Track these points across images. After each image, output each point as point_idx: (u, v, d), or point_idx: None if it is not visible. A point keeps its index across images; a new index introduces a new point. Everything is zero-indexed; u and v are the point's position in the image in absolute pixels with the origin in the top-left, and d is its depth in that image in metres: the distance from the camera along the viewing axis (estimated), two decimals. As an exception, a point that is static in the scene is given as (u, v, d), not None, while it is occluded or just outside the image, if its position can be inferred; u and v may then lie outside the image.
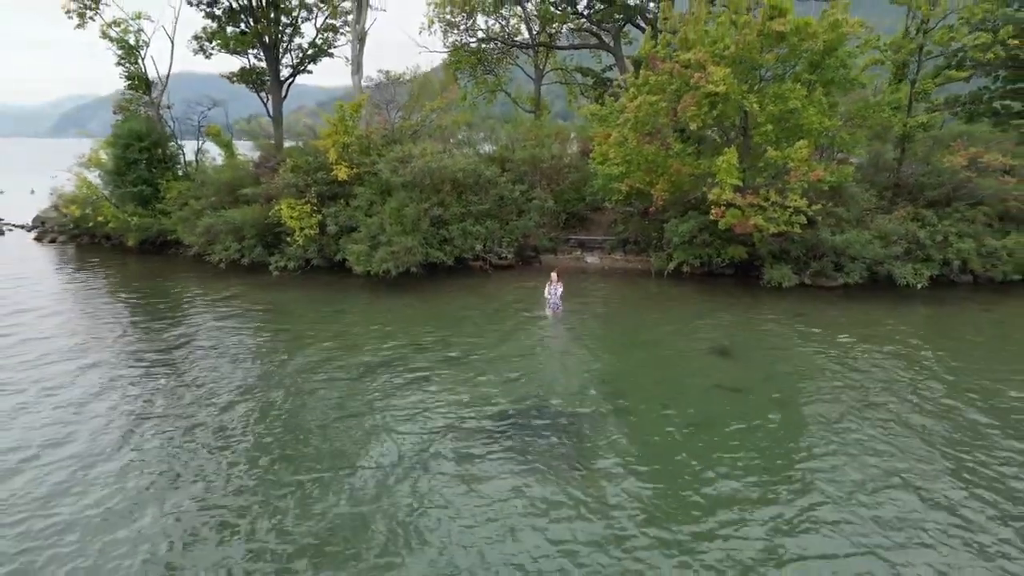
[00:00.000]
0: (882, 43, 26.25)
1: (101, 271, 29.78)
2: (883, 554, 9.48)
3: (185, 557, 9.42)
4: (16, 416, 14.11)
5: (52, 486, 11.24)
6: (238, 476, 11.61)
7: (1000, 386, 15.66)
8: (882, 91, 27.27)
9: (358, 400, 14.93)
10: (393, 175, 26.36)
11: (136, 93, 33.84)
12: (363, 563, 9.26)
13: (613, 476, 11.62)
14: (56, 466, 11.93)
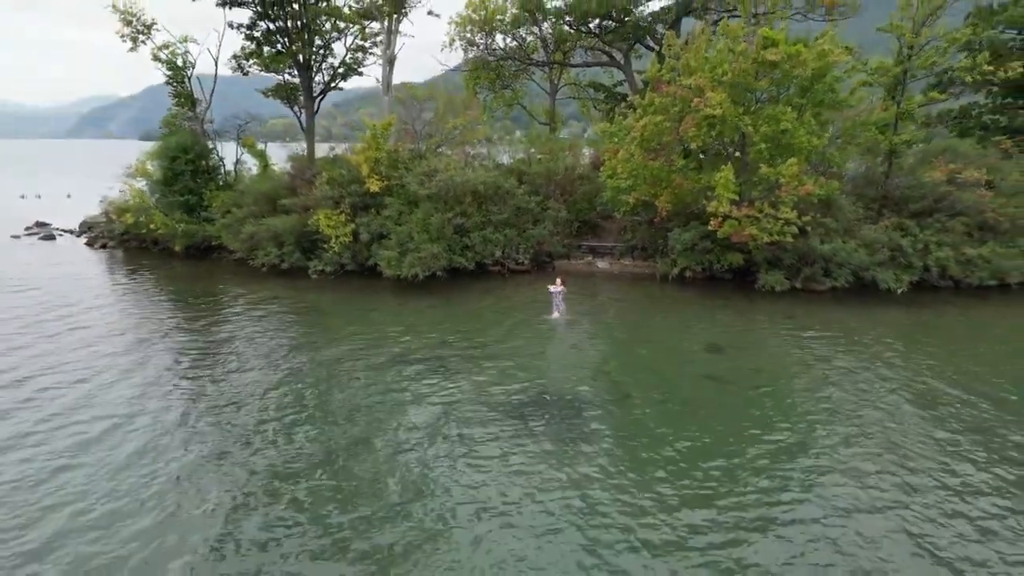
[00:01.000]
0: (869, 67, 28.49)
1: (152, 273, 32.64)
2: (819, 481, 11.90)
3: (237, 508, 11.96)
4: (94, 396, 16.84)
5: (128, 455, 13.83)
6: (279, 445, 14.22)
7: (943, 376, 17.99)
8: (875, 108, 29.49)
9: (385, 385, 17.54)
10: (420, 188, 29.00)
11: (182, 109, 36.64)
12: (382, 504, 11.80)
13: (608, 446, 14.12)
14: (131, 437, 14.61)
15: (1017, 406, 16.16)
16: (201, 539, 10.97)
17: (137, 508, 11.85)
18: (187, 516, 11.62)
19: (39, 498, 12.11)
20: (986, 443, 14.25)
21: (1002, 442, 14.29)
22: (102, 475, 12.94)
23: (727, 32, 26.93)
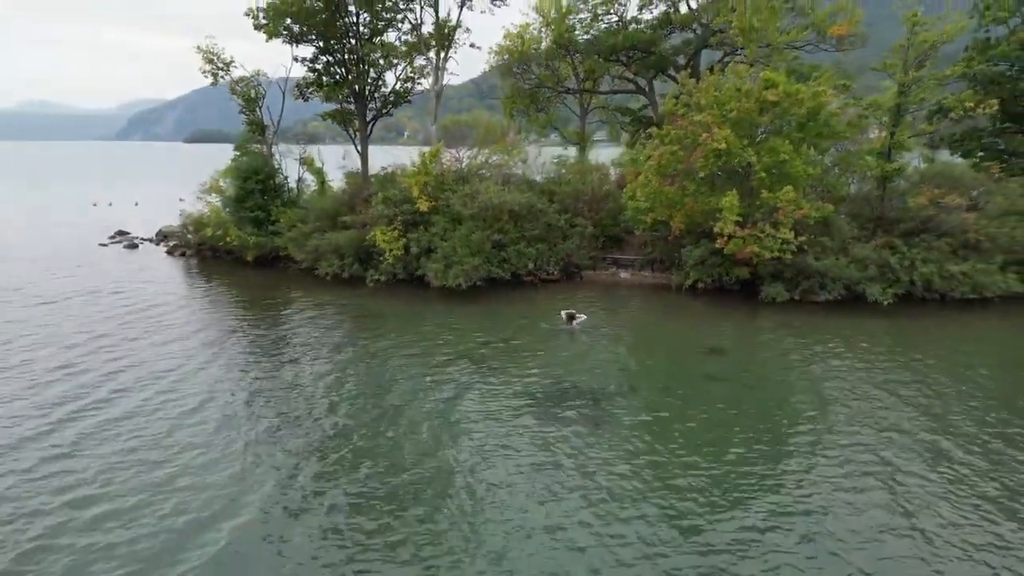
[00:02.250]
0: (863, 103, 31.88)
1: (226, 280, 37.48)
2: (787, 451, 15.67)
3: (295, 465, 16.12)
4: (183, 382, 21.34)
5: (216, 426, 18.13)
6: (332, 428, 18.43)
7: (913, 372, 21.54)
8: (872, 139, 32.86)
9: (432, 377, 21.72)
10: (463, 208, 33.22)
11: (253, 135, 41.47)
12: (423, 465, 15.90)
13: (619, 428, 18.08)
14: (214, 413, 18.99)
15: (969, 393, 19.68)
16: (272, 481, 15.15)
17: (226, 459, 16.12)
18: (260, 466, 15.84)
19: (162, 453, 16.45)
20: (943, 417, 17.85)
21: (957, 416, 17.89)
22: (199, 440, 17.20)
23: (735, 73, 30.60)
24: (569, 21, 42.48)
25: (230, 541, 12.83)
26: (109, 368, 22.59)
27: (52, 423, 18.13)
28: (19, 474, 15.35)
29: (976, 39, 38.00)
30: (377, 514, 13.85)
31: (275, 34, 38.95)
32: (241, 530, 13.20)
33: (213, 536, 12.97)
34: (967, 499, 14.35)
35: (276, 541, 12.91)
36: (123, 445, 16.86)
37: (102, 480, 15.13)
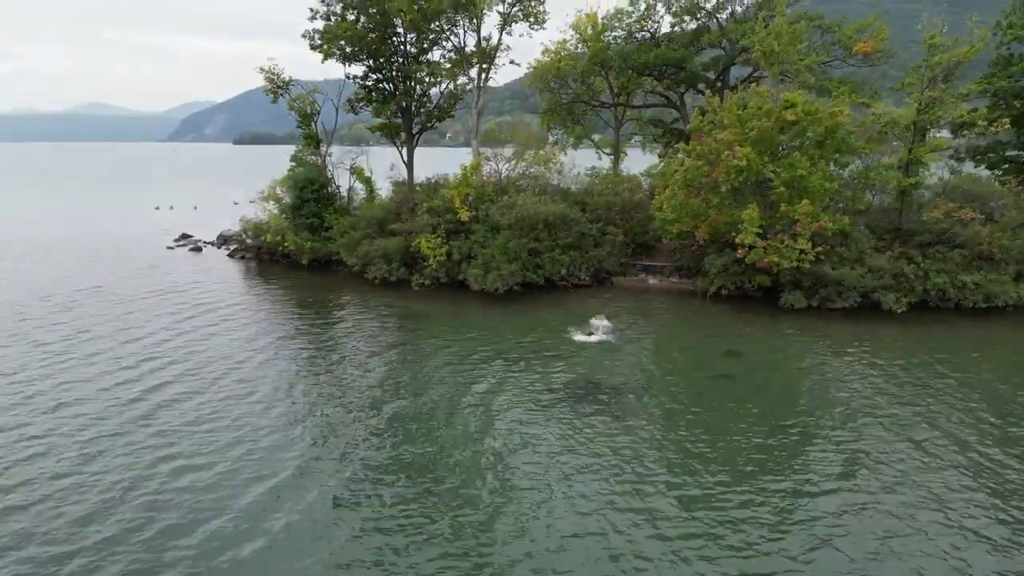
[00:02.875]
0: (882, 119, 33.53)
1: (283, 281, 40.80)
2: (783, 443, 17.88)
3: (351, 444, 18.88)
4: (243, 370, 24.34)
5: (277, 413, 21.07)
6: (379, 414, 21.14)
7: (919, 372, 23.43)
8: (891, 153, 34.45)
9: (470, 372, 24.36)
10: (501, 218, 35.85)
11: (309, 148, 44.77)
12: (461, 446, 18.48)
13: (633, 419, 20.48)
14: (276, 400, 21.89)
15: (969, 395, 21.57)
16: (331, 457, 17.95)
17: (289, 440, 18.98)
18: (320, 446, 18.65)
19: (234, 432, 19.40)
20: (940, 415, 19.84)
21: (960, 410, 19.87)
22: (264, 423, 20.08)
23: (756, 94, 32.62)
24: (604, 40, 44.76)
25: (300, 503, 15.66)
26: (183, 358, 25.87)
27: (141, 401, 21.38)
28: (120, 438, 18.48)
29: (999, 55, 39.18)
30: (416, 481, 16.57)
31: (330, 55, 42.13)
32: (304, 491, 16.03)
33: (286, 503, 15.82)
34: (936, 483, 16.41)
35: (333, 505, 15.70)
36: (204, 423, 19.92)
37: (193, 449, 18.16)
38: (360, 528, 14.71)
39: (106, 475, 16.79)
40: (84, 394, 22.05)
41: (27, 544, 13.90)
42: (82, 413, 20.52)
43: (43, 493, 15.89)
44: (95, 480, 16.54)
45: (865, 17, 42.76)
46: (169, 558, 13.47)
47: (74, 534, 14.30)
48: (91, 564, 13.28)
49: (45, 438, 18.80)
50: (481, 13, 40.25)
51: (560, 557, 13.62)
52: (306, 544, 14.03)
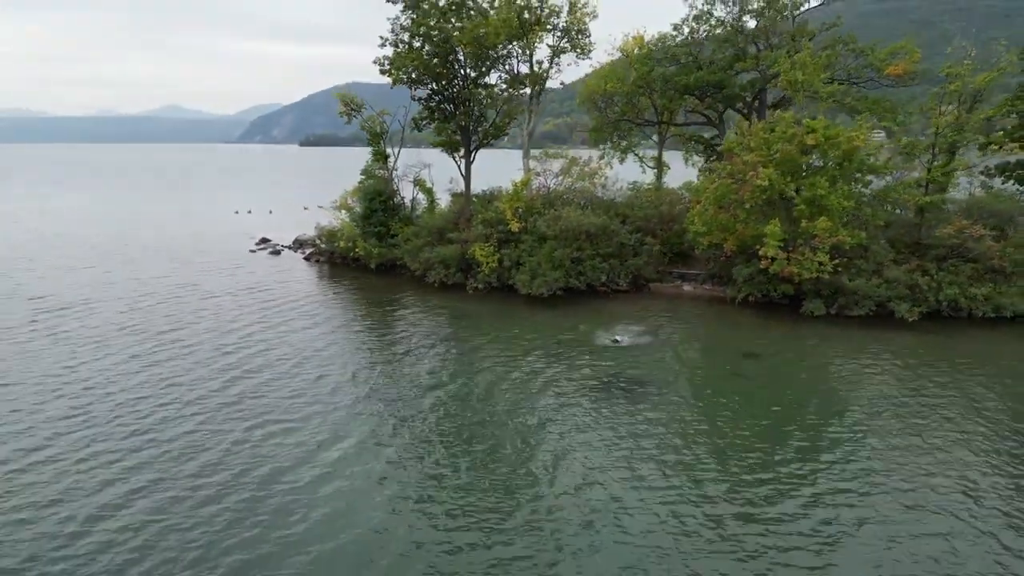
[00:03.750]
0: (900, 144, 36.21)
1: (353, 283, 45.82)
2: (785, 431, 21.42)
3: (398, 429, 23.17)
4: (315, 360, 28.98)
5: (340, 402, 25.58)
6: (434, 397, 25.39)
7: (922, 373, 26.49)
8: (910, 173, 37.08)
9: (516, 365, 28.48)
10: (547, 229, 39.90)
11: (377, 163, 49.69)
12: (503, 434, 22.55)
13: (652, 407, 24.26)
14: (346, 390, 26.39)
15: (969, 396, 24.61)
16: (386, 427, 22.30)
17: (354, 414, 23.46)
18: (379, 419, 23.03)
19: (311, 406, 23.98)
20: (937, 408, 23.05)
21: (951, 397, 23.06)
22: (334, 400, 24.69)
23: (781, 119, 35.78)
24: (648, 63, 48.25)
25: (364, 473, 20.12)
26: (269, 347, 30.99)
27: (240, 380, 26.35)
28: (224, 409, 23.32)
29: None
30: (454, 445, 20.87)
31: (398, 80, 46.95)
32: (365, 453, 20.47)
33: (348, 473, 20.30)
34: (937, 465, 19.75)
35: (392, 479, 20.09)
36: (289, 398, 24.67)
37: (281, 418, 22.87)
38: (408, 479, 19.09)
39: (218, 434, 21.68)
40: (195, 375, 27.19)
41: (171, 480, 18.74)
42: (192, 388, 25.69)
43: (173, 447, 20.83)
44: (209, 438, 21.43)
45: (919, 29, 45.14)
46: (266, 492, 18.06)
47: (202, 471, 19.10)
48: (216, 493, 17.99)
49: (166, 407, 23.94)
50: (533, 45, 44.40)
51: (570, 499, 17.64)
52: (365, 487, 18.51)
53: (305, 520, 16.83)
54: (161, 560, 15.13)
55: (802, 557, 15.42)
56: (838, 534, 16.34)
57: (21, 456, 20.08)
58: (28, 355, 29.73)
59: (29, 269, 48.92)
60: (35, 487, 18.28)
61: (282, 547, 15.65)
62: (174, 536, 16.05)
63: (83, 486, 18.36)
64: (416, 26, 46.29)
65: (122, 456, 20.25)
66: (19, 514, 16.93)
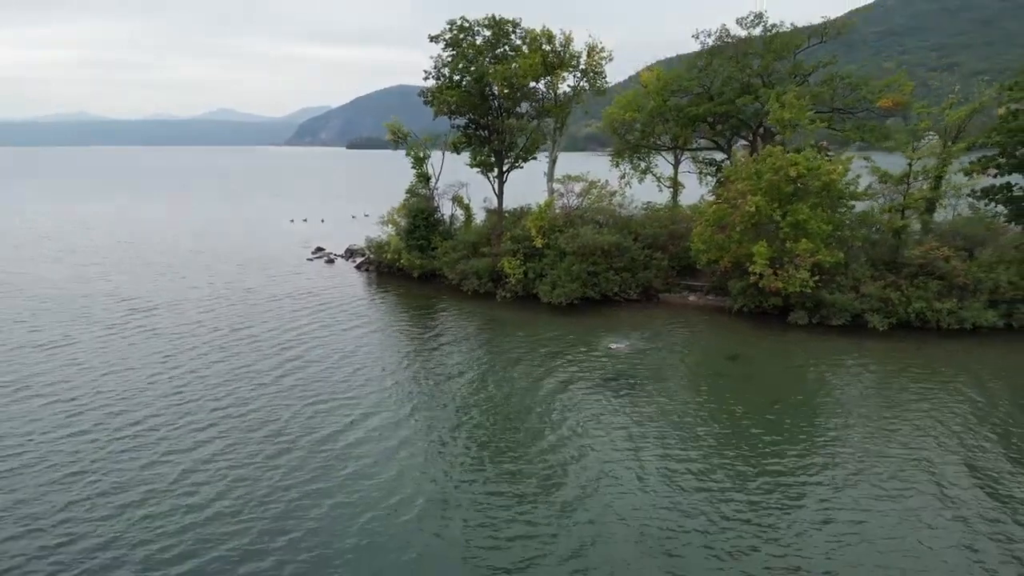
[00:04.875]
0: (876, 175, 41.04)
1: (398, 290, 52.36)
2: (750, 419, 26.93)
3: (430, 422, 29.23)
4: (361, 360, 35.29)
5: (383, 397, 31.79)
6: (467, 391, 31.42)
7: (888, 372, 31.64)
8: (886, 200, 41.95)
9: (537, 363, 34.39)
10: (567, 246, 45.72)
11: (421, 183, 56.12)
12: (522, 420, 28.47)
13: (642, 397, 29.96)
14: (382, 388, 32.61)
15: (925, 393, 29.77)
16: (425, 425, 28.39)
17: (397, 400, 29.66)
18: (412, 408, 29.17)
19: (355, 392, 30.24)
20: (903, 402, 28.31)
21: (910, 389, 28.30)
22: (378, 386, 30.94)
23: (769, 153, 40.98)
24: (663, 95, 53.63)
25: (401, 465, 26.32)
26: (318, 343, 37.82)
27: (285, 372, 32.84)
28: (270, 392, 29.76)
29: (1002, 113, 45.48)
30: (480, 426, 26.89)
31: (440, 111, 53.35)
32: (403, 435, 26.66)
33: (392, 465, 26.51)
34: (897, 451, 25.11)
35: (413, 443, 26.23)
36: (337, 387, 31.08)
37: (326, 397, 29.24)
38: (427, 446, 25.25)
39: (279, 409, 28.23)
40: (262, 365, 33.93)
41: (244, 443, 25.20)
42: (260, 374, 32.42)
43: (246, 419, 27.41)
44: (273, 412, 27.96)
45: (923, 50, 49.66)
46: (314, 452, 24.38)
47: (267, 437, 25.54)
48: (277, 451, 24.36)
49: (240, 389, 30.62)
50: (556, 83, 50.38)
51: (573, 465, 23.53)
52: (389, 448, 24.69)
53: (342, 472, 23.04)
54: (240, 495, 21.44)
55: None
56: (796, 502, 21.90)
57: (133, 425, 26.76)
58: (132, 347, 37.08)
59: (119, 273, 56.97)
60: (144, 447, 24.89)
61: (325, 489, 21.88)
62: (249, 482, 22.35)
63: (179, 446, 24.91)
64: (456, 63, 52.67)
65: (207, 425, 26.94)
66: (139, 462, 23.55)
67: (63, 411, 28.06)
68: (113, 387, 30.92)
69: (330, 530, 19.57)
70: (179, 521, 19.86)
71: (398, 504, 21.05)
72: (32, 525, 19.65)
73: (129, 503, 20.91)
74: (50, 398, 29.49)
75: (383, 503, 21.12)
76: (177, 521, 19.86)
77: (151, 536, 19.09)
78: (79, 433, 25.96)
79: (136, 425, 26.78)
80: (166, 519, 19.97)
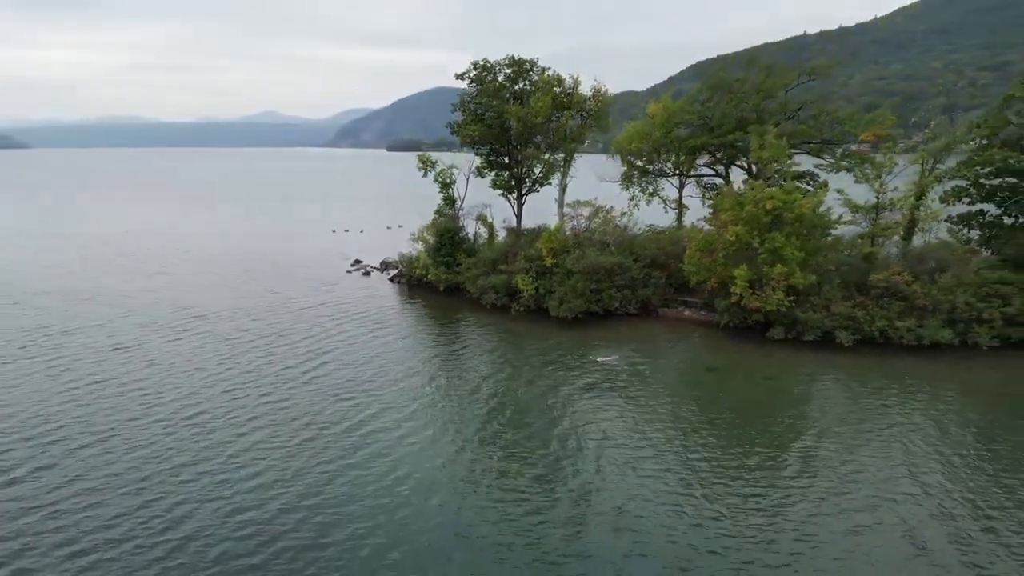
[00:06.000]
0: (848, 205, 45.98)
1: (426, 302, 58.85)
2: (717, 423, 32.57)
3: (447, 416, 35.37)
4: (388, 365, 41.66)
5: (410, 385, 38.08)
6: (485, 391, 37.53)
7: (850, 382, 36.94)
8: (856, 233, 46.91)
9: (543, 367, 40.35)
10: (573, 266, 51.55)
11: (447, 205, 62.51)
12: (533, 412, 34.49)
13: (625, 399, 35.74)
14: (409, 390, 38.90)
15: (878, 401, 35.05)
16: (449, 422, 34.55)
17: (408, 401, 35.90)
18: (432, 403, 35.37)
19: (381, 391, 36.54)
20: (860, 406, 33.68)
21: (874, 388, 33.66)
22: (402, 392, 37.22)
23: (751, 186, 46.24)
24: (667, 127, 59.14)
25: (430, 457, 32.54)
26: (352, 347, 44.50)
27: (326, 372, 39.32)
28: (308, 389, 36.21)
29: (976, 147, 49.97)
30: (494, 419, 32.95)
31: (465, 142, 59.76)
32: (432, 448, 32.88)
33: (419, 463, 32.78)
34: (856, 442, 30.60)
35: (451, 455, 32.42)
36: (367, 386, 37.43)
37: (357, 393, 35.57)
38: (442, 434, 31.40)
39: (315, 403, 34.66)
40: (304, 366, 40.67)
41: (281, 430, 31.68)
42: (302, 372, 39.08)
43: (287, 410, 33.95)
44: (309, 405, 34.41)
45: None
46: (341, 437, 30.71)
47: (303, 425, 31.98)
48: (313, 435, 30.77)
49: (282, 385, 37.21)
50: (565, 122, 56.41)
51: (574, 454, 29.49)
52: (408, 434, 30.91)
53: (364, 453, 29.49)
54: (279, 468, 28.03)
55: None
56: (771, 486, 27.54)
57: (198, 415, 33.61)
58: (195, 349, 44.14)
59: (180, 282, 64.75)
60: (206, 432, 31.60)
61: (347, 464, 28.27)
62: (285, 457, 28.97)
63: (233, 432, 31.62)
64: (479, 98, 59.01)
65: (252, 415, 33.72)
66: (201, 443, 30.24)
67: (143, 403, 35.24)
68: (180, 384, 38.00)
69: (350, 494, 26.10)
70: (233, 487, 26.62)
71: (405, 477, 27.46)
72: (129, 488, 26.59)
73: (198, 473, 27.77)
74: (130, 393, 36.65)
75: (391, 475, 27.63)
76: (232, 487, 26.65)
77: (213, 497, 25.96)
78: (155, 421, 32.96)
79: (201, 415, 33.70)
80: (223, 486, 26.80)
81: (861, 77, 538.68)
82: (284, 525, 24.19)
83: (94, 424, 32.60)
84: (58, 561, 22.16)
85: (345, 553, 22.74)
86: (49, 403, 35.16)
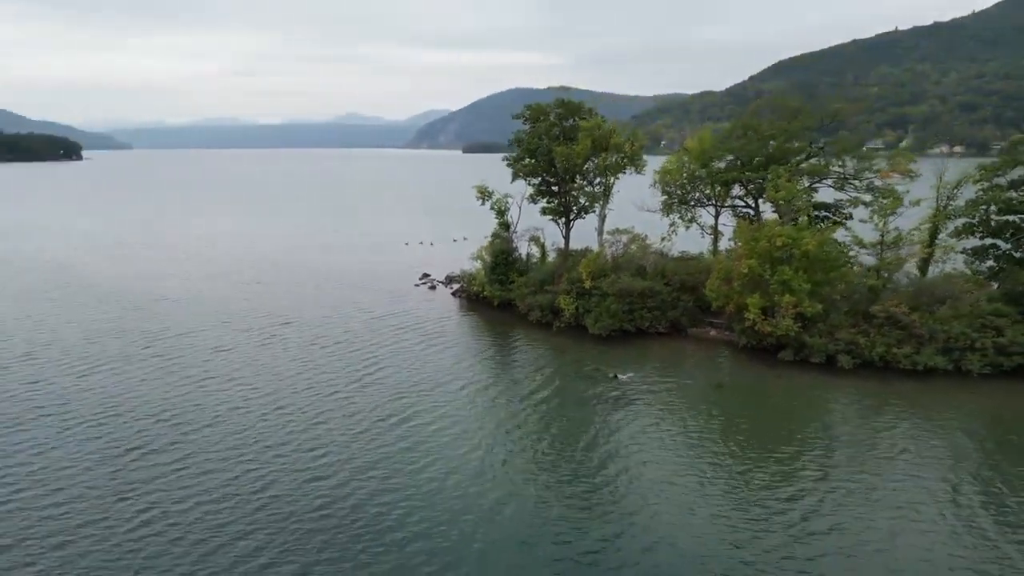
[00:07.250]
0: (854, 242, 51.02)
1: (481, 316, 66.86)
2: (725, 435, 39.10)
3: (492, 422, 42.83)
4: (442, 372, 49.51)
5: (460, 403, 45.76)
6: (525, 396, 44.92)
7: (850, 402, 42.77)
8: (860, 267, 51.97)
9: (577, 377, 47.46)
10: (609, 288, 58.32)
11: (503, 229, 70.26)
12: (559, 420, 41.71)
13: (632, 408, 42.53)
14: (460, 396, 46.61)
15: (875, 419, 40.86)
16: (492, 423, 42.11)
17: (454, 402, 43.56)
18: (476, 406, 42.97)
19: (434, 395, 44.35)
20: (855, 422, 39.74)
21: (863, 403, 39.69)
22: (448, 394, 44.96)
23: (764, 225, 51.93)
24: (702, 160, 65.07)
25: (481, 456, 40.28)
26: (412, 355, 52.80)
27: (384, 375, 47.45)
28: (369, 390, 44.34)
29: (980, 191, 53.98)
30: (528, 420, 40.42)
31: (517, 175, 67.46)
32: (474, 433, 40.57)
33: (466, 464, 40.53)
34: (854, 455, 36.90)
35: (494, 452, 40.06)
36: (415, 385, 45.39)
37: (410, 392, 43.52)
38: (488, 437, 39.00)
39: (372, 400, 42.76)
40: (367, 370, 49.13)
41: (336, 424, 39.90)
42: (365, 375, 47.35)
43: (343, 408, 42.20)
44: (366, 402, 42.53)
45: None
46: (391, 430, 38.67)
47: (357, 421, 40.10)
48: (365, 428, 38.83)
49: (345, 387, 45.55)
50: (604, 162, 63.35)
51: (585, 456, 36.69)
52: (452, 431, 38.62)
53: (408, 448, 37.22)
54: (342, 450, 36.24)
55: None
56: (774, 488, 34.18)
57: (277, 409, 42.35)
58: (280, 353, 53.40)
59: (264, 291, 75.07)
60: (284, 424, 40.13)
61: (394, 453, 36.14)
62: (339, 448, 37.03)
63: (305, 423, 40.09)
64: (532, 137, 66.63)
65: (324, 408, 42.38)
66: (284, 430, 38.75)
67: (241, 395, 44.59)
68: (270, 381, 47.41)
69: (392, 470, 34.33)
70: (305, 465, 35.09)
71: (439, 462, 35.25)
72: (233, 460, 35.48)
73: (277, 455, 36.35)
74: (232, 388, 46.02)
75: (433, 466, 35.35)
76: (304, 465, 35.11)
77: (295, 469, 34.64)
78: (251, 411, 42.10)
79: (287, 406, 42.80)
80: (301, 461, 35.53)
81: (957, 75, 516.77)
82: (344, 490, 32.45)
83: (206, 411, 41.98)
84: (187, 508, 30.95)
85: (386, 507, 31.08)
86: (170, 394, 44.83)
